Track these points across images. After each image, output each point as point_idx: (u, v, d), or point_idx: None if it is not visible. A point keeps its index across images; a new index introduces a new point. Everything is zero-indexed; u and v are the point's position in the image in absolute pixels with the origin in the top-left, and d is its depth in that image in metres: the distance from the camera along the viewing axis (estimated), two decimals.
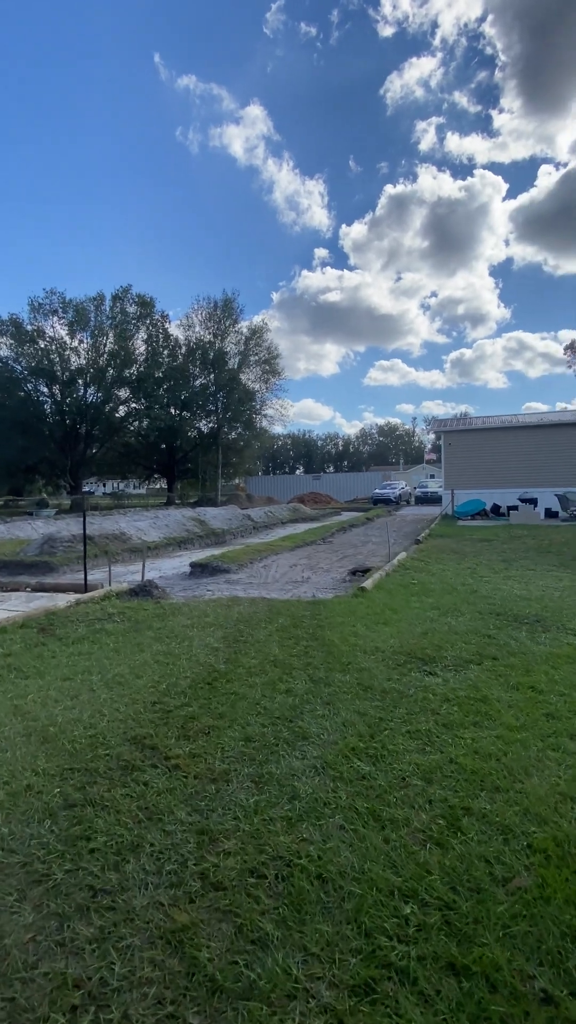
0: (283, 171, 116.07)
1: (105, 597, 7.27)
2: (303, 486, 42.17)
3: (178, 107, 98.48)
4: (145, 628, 5.66)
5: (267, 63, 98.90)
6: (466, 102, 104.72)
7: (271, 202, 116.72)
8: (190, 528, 17.50)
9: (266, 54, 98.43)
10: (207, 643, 5.03)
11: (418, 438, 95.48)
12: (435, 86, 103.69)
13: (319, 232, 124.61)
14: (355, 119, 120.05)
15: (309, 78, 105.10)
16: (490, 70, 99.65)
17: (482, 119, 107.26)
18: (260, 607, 6.47)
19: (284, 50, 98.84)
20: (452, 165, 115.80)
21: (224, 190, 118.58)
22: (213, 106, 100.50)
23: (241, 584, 9.19)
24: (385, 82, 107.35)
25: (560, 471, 19.73)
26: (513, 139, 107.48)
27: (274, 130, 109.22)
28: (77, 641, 5.27)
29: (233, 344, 38.75)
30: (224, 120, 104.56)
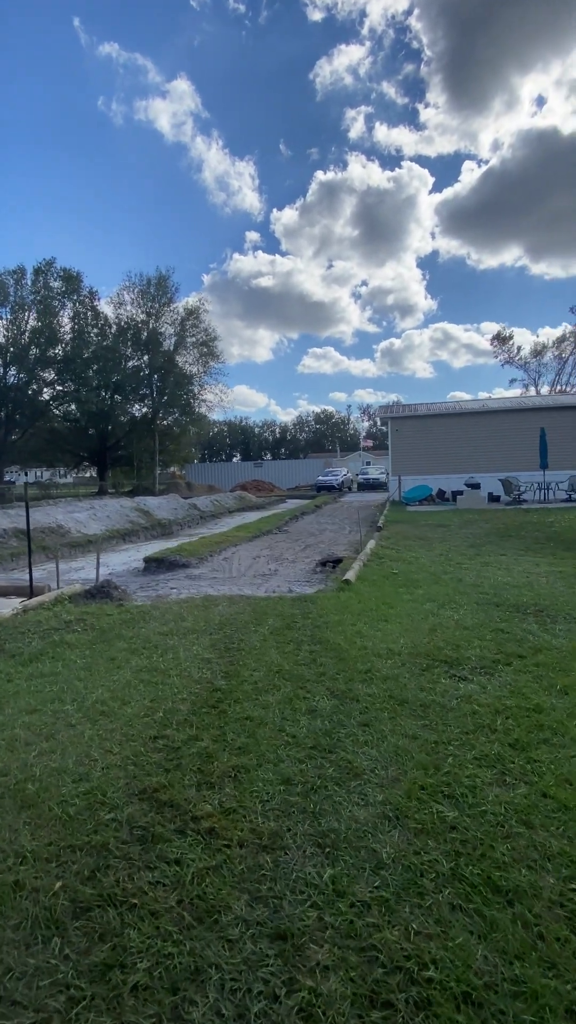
0: (212, 150, 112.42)
1: (57, 601, 6.36)
2: (245, 474, 41.33)
3: (100, 75, 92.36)
4: (114, 638, 4.89)
5: (194, 37, 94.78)
6: (394, 93, 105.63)
7: (200, 181, 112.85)
8: (134, 519, 16.41)
9: (193, 28, 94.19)
10: (195, 653, 4.36)
11: (353, 426, 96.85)
12: (364, 75, 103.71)
13: (250, 215, 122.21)
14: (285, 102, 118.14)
15: (238, 56, 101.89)
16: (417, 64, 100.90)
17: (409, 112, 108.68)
18: (241, 606, 5.85)
19: (212, 25, 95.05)
20: (381, 155, 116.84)
21: (151, 165, 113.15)
22: (138, 77, 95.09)
23: (205, 580, 8.49)
24: (315, 67, 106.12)
25: (502, 456, 20.30)
26: (439, 134, 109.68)
27: (203, 107, 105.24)
28: (34, 658, 4.43)
29: (168, 325, 37.06)
30: (150, 93, 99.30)
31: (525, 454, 19.86)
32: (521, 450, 20.02)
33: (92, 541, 13.33)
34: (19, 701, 3.54)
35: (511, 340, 55.67)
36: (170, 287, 36.42)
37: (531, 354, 54.75)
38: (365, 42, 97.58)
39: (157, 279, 36.05)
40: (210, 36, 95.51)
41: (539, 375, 54.38)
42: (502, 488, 18.77)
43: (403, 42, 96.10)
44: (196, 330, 36.97)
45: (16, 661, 4.37)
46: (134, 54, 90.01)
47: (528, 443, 19.68)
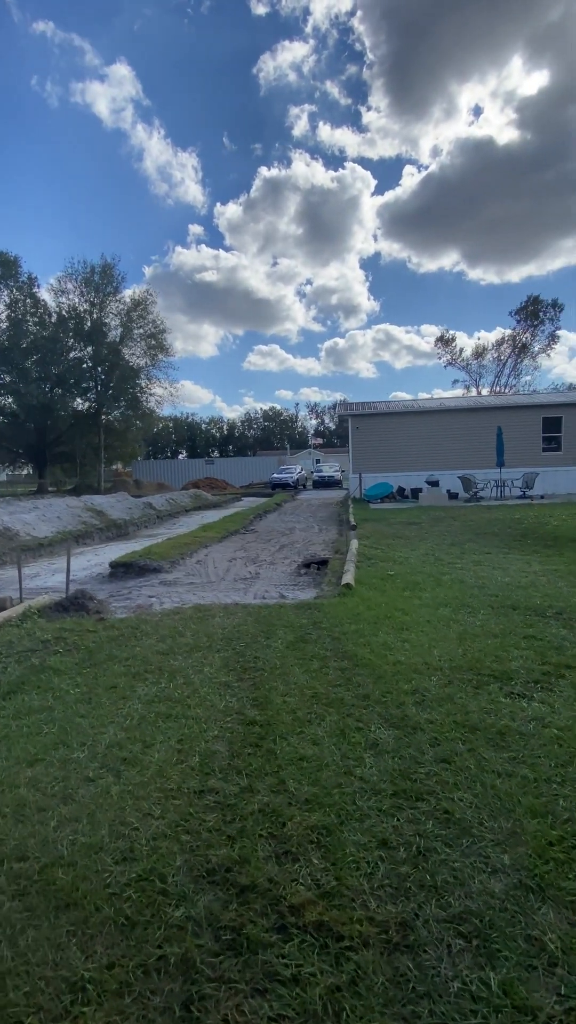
0: (154, 139, 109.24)
1: (25, 616, 5.60)
2: (196, 471, 40.25)
3: (34, 53, 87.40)
4: (107, 660, 4.27)
5: (134, 21, 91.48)
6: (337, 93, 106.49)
7: (142, 170, 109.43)
8: (87, 520, 15.38)
9: (133, 11, 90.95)
10: (209, 676, 3.83)
11: (301, 423, 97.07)
12: (308, 72, 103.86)
13: (194, 208, 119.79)
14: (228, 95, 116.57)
15: (180, 45, 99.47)
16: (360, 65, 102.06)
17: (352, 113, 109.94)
18: (241, 617, 5.33)
19: (153, 10, 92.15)
20: (324, 155, 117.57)
21: (89, 151, 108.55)
22: (75, 59, 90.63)
23: (182, 586, 7.88)
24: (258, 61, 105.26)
25: (460, 454, 20.64)
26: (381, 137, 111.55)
27: (143, 94, 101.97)
28: (16, 689, 3.75)
29: (114, 315, 35.41)
30: (87, 76, 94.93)
31: (482, 452, 20.29)
32: (478, 448, 20.43)
33: (44, 545, 12.32)
34: (13, 748, 2.90)
35: (454, 342, 57.38)
36: (116, 276, 34.83)
37: (472, 355, 56.72)
38: (309, 40, 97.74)
39: (102, 267, 34.38)
40: (151, 21, 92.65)
41: (480, 376, 56.45)
42: (461, 485, 19.06)
43: (346, 43, 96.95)
44: (143, 322, 35.56)
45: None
46: (70, 34, 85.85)
47: (484, 441, 20.11)
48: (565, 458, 20.66)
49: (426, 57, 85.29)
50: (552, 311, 55.71)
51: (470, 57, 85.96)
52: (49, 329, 35.24)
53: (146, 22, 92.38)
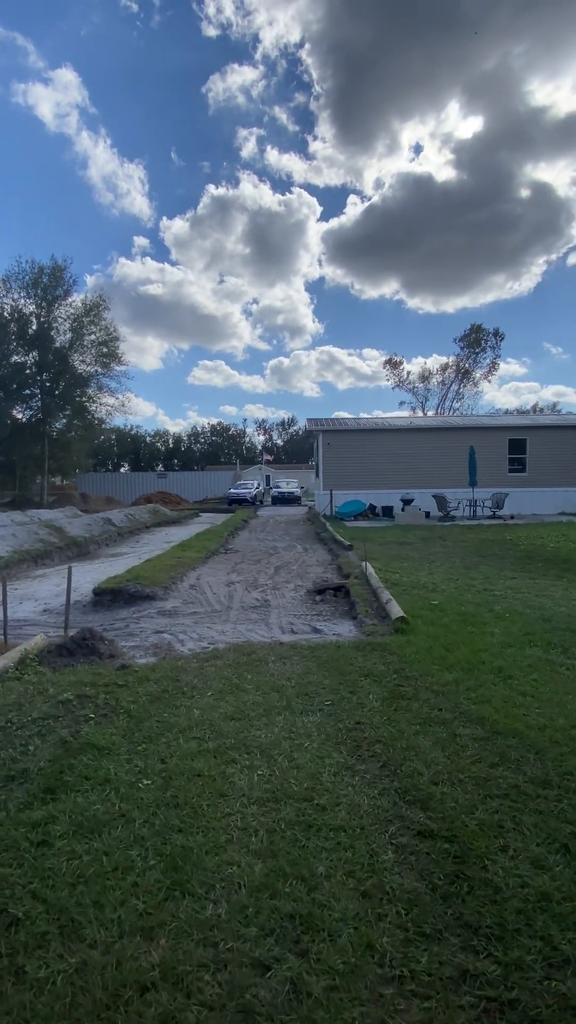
0: (100, 147, 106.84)
1: (23, 664, 4.44)
2: (147, 485, 38.38)
3: None
4: (162, 729, 3.27)
5: (81, 26, 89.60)
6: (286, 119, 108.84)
7: (87, 178, 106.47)
8: (44, 538, 13.83)
9: (80, 16, 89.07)
10: (316, 754, 2.94)
11: (249, 439, 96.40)
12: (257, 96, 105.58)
13: (139, 220, 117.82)
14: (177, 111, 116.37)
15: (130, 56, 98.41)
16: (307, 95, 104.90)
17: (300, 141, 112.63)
18: (298, 662, 4.44)
19: (101, 17, 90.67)
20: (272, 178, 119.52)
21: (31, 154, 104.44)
22: (17, 58, 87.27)
23: (185, 616, 6.87)
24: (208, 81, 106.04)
25: (431, 473, 20.57)
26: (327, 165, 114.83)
27: (90, 102, 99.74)
28: (58, 784, 2.70)
29: (63, 320, 33.45)
30: (30, 77, 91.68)
31: (453, 471, 20.31)
32: (449, 467, 20.45)
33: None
34: (108, 910, 1.89)
35: (401, 365, 58.95)
36: (66, 279, 32.95)
37: (419, 379, 58.40)
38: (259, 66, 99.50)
39: (51, 269, 32.44)
40: (99, 29, 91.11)
41: (425, 399, 58.13)
42: (435, 504, 18.92)
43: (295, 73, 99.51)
44: (95, 328, 33.81)
45: (27, 794, 2.61)
46: (12, 32, 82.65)
47: (456, 461, 20.15)
48: (529, 479, 21.07)
49: (371, 93, 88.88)
50: (493, 339, 58.37)
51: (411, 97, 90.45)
52: None
53: (93, 28, 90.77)
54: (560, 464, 20.97)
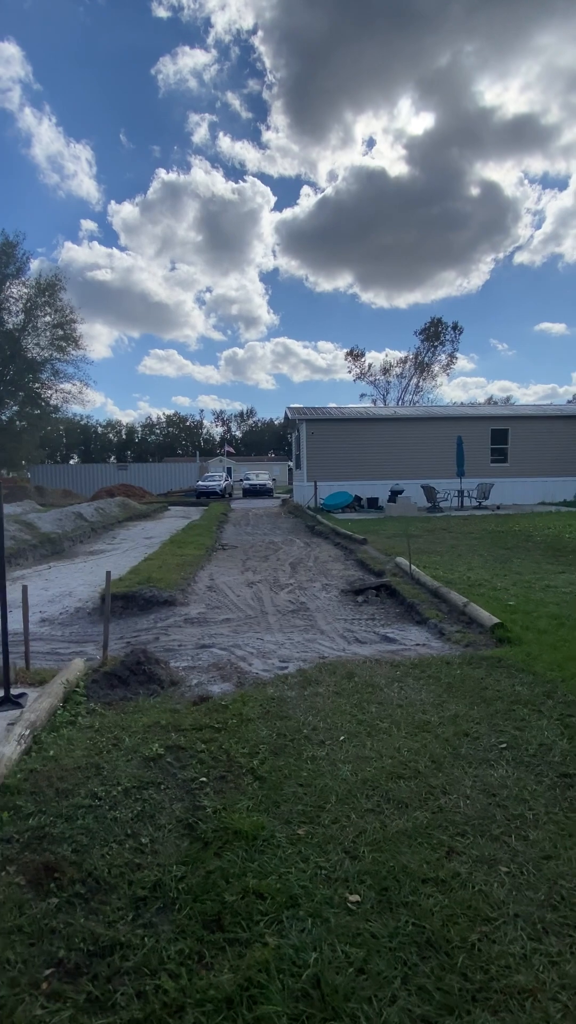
0: (44, 125, 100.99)
1: (71, 701, 3.43)
2: (107, 478, 36.32)
3: None
4: (313, 799, 2.41)
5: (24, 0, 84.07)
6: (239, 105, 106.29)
7: (30, 157, 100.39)
8: (16, 535, 12.38)
9: None
10: (558, 828, 2.16)
11: (207, 430, 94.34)
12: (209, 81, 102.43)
13: (87, 203, 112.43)
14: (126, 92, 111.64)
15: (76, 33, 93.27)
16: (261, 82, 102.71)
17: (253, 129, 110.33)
18: (412, 686, 3.64)
19: None
20: (225, 165, 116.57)
21: None
22: None
23: (218, 625, 5.99)
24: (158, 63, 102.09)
25: (418, 463, 20.16)
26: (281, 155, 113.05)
27: (34, 77, 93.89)
28: (232, 912, 1.80)
29: (15, 300, 31.00)
30: None
31: (439, 462, 19.98)
32: (435, 458, 20.10)
33: None
34: None
35: (363, 357, 58.81)
36: (19, 256, 30.49)
37: (381, 371, 58.46)
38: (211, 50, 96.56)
39: (2, 246, 29.89)
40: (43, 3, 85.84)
41: (387, 391, 58.29)
42: (423, 495, 18.53)
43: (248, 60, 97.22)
44: (50, 309, 31.54)
45: (179, 930, 1.71)
46: None
47: (442, 451, 19.82)
48: (511, 470, 21.05)
49: (324, 84, 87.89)
50: (452, 333, 59.05)
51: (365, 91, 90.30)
52: None
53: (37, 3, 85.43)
54: (540, 454, 21.04)
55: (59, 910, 1.83)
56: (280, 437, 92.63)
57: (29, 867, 2.00)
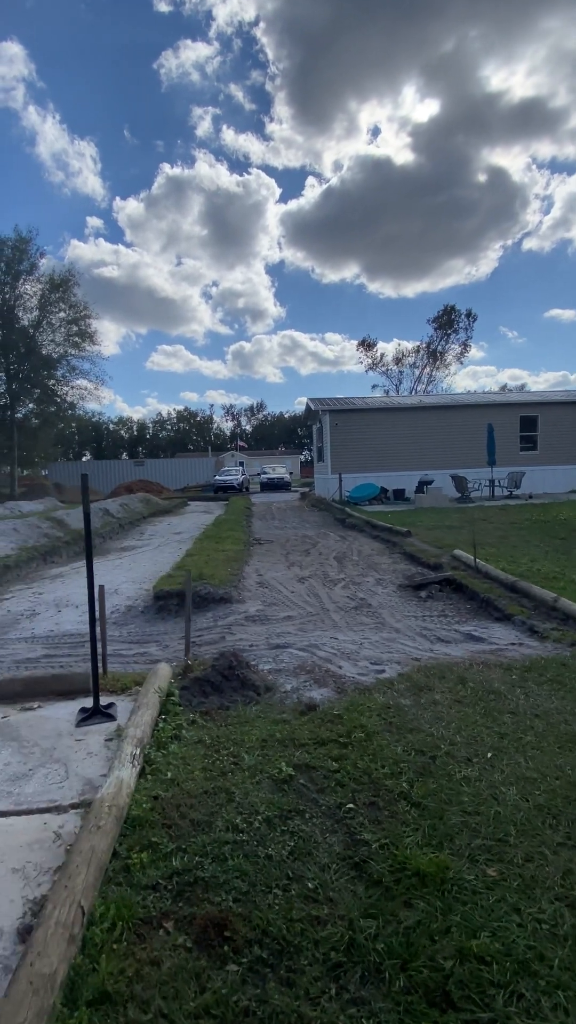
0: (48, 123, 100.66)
1: (169, 712, 3.12)
2: (124, 474, 36.13)
3: None
4: (488, 831, 2.08)
5: None
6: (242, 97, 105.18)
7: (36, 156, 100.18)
8: (48, 532, 12.17)
9: None
10: None
11: (217, 425, 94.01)
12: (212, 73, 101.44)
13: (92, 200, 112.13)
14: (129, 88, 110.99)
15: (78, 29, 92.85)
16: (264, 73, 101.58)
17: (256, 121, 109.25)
18: (540, 692, 3.30)
19: None
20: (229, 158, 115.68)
21: None
22: None
23: (282, 623, 5.71)
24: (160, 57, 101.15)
25: (447, 453, 19.68)
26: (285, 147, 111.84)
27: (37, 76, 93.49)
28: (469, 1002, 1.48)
29: (29, 296, 30.75)
30: None
31: (467, 450, 19.50)
32: (463, 446, 19.62)
33: (10, 567, 9.22)
34: None
35: (375, 347, 58.02)
36: (32, 252, 30.21)
37: (393, 360, 57.64)
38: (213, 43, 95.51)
39: (14, 241, 29.61)
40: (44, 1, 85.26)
41: (400, 381, 57.50)
42: (452, 485, 18.08)
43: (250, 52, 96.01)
44: (64, 305, 31.24)
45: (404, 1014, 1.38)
46: None
47: (471, 439, 19.33)
48: (541, 457, 20.51)
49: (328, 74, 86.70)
50: (466, 320, 58.05)
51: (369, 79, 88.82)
52: None
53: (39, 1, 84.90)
54: (570, 441, 20.48)
55: (244, 982, 1.52)
56: (290, 431, 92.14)
57: (192, 924, 1.69)
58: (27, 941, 1.57)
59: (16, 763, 2.67)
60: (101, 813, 2.06)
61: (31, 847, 2.07)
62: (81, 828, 2.03)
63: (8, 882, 1.89)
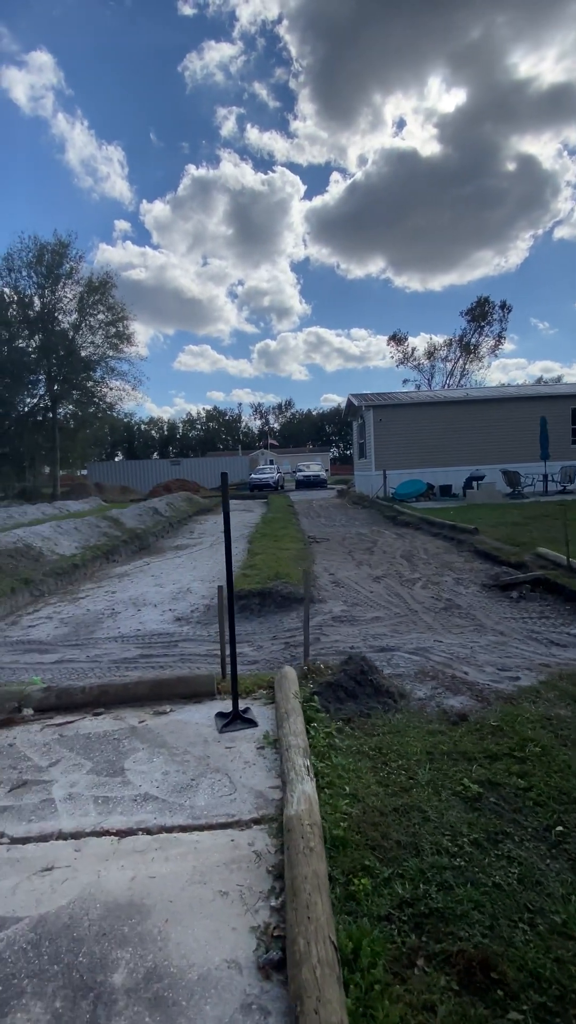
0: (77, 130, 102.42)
1: (311, 717, 2.98)
2: (161, 473, 36.48)
3: None
4: None
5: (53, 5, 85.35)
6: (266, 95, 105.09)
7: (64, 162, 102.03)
8: (107, 531, 12.27)
9: None
10: None
11: (245, 424, 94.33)
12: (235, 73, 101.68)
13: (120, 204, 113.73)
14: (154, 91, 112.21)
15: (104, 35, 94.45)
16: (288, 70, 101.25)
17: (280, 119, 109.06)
18: None
19: None
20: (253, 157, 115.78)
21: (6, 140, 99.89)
22: None
23: (372, 623, 5.58)
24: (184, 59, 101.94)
25: (497, 447, 19.16)
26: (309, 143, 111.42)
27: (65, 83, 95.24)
28: None
29: (69, 299, 31.23)
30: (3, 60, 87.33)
31: (518, 444, 18.96)
32: (514, 440, 19.09)
33: (78, 565, 9.30)
34: None
35: (406, 341, 57.09)
36: (71, 256, 30.65)
37: (425, 355, 56.63)
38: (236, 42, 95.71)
39: (54, 246, 30.10)
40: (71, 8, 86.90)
41: (431, 376, 56.44)
42: (503, 480, 17.58)
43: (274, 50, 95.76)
44: (102, 307, 31.63)
45: None
46: None
47: (521, 433, 18.79)
48: None
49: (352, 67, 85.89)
50: (501, 312, 56.62)
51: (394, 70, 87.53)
52: None
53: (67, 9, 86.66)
54: None
55: None
56: (318, 428, 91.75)
57: (450, 963, 1.53)
58: (270, 978, 1.44)
59: (175, 772, 2.57)
60: (304, 832, 1.93)
61: (230, 867, 1.95)
62: (288, 848, 1.90)
63: (222, 907, 1.78)
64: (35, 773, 2.63)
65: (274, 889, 1.84)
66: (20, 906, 1.80)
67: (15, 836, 2.17)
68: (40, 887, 1.89)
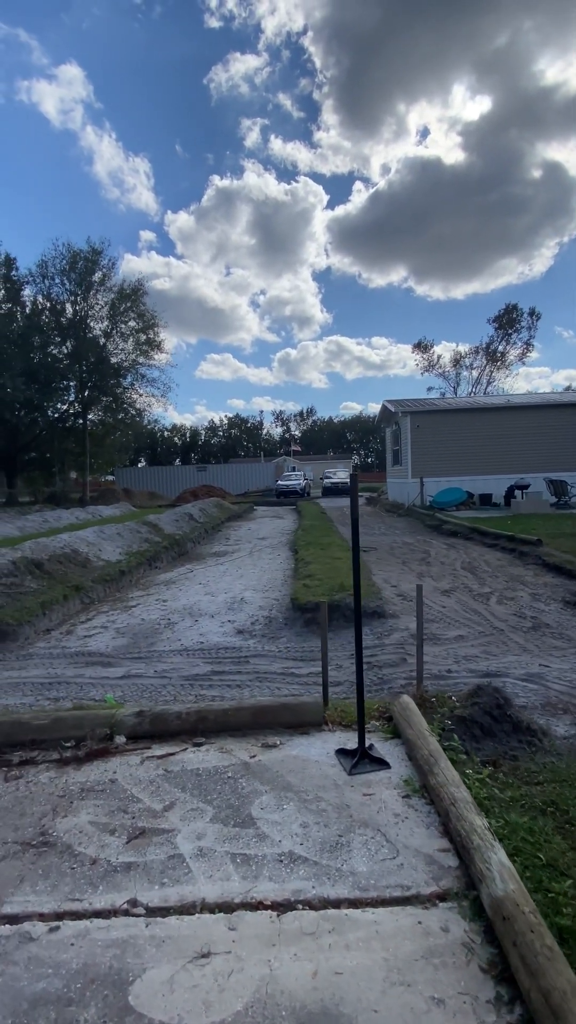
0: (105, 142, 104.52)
1: (450, 760, 2.58)
2: (188, 479, 36.45)
3: None
4: None
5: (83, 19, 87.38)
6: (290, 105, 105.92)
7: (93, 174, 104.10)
8: (148, 537, 12.04)
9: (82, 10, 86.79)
10: None
11: (267, 431, 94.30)
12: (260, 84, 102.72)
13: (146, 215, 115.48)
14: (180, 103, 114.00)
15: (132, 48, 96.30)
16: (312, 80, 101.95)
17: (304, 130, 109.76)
18: None
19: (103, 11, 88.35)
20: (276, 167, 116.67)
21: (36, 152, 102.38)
22: (22, 56, 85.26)
23: (454, 643, 5.19)
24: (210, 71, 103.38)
25: (539, 455, 18.53)
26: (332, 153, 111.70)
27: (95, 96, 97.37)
28: None
29: (101, 306, 31.45)
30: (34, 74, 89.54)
31: (563, 453, 18.30)
32: (559, 448, 18.44)
33: (124, 571, 9.05)
34: None
35: (431, 349, 56.44)
36: (103, 263, 30.90)
37: (451, 363, 55.85)
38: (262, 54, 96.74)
39: (88, 252, 30.37)
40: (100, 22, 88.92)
41: (457, 384, 55.60)
42: (548, 489, 16.97)
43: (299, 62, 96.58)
44: (133, 314, 31.79)
45: None
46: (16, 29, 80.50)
47: (568, 441, 18.15)
48: None
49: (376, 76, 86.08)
50: (529, 319, 55.65)
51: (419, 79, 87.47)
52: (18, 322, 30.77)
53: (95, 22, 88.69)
54: None
55: None
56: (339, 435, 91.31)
57: None
58: None
59: (314, 824, 2.19)
60: (531, 923, 1.53)
61: (431, 962, 1.56)
62: (518, 946, 1.50)
63: (444, 1022, 1.39)
64: (151, 819, 2.28)
65: (501, 997, 1.45)
66: (186, 1011, 1.44)
67: (151, 905, 1.81)
68: (202, 983, 1.52)
